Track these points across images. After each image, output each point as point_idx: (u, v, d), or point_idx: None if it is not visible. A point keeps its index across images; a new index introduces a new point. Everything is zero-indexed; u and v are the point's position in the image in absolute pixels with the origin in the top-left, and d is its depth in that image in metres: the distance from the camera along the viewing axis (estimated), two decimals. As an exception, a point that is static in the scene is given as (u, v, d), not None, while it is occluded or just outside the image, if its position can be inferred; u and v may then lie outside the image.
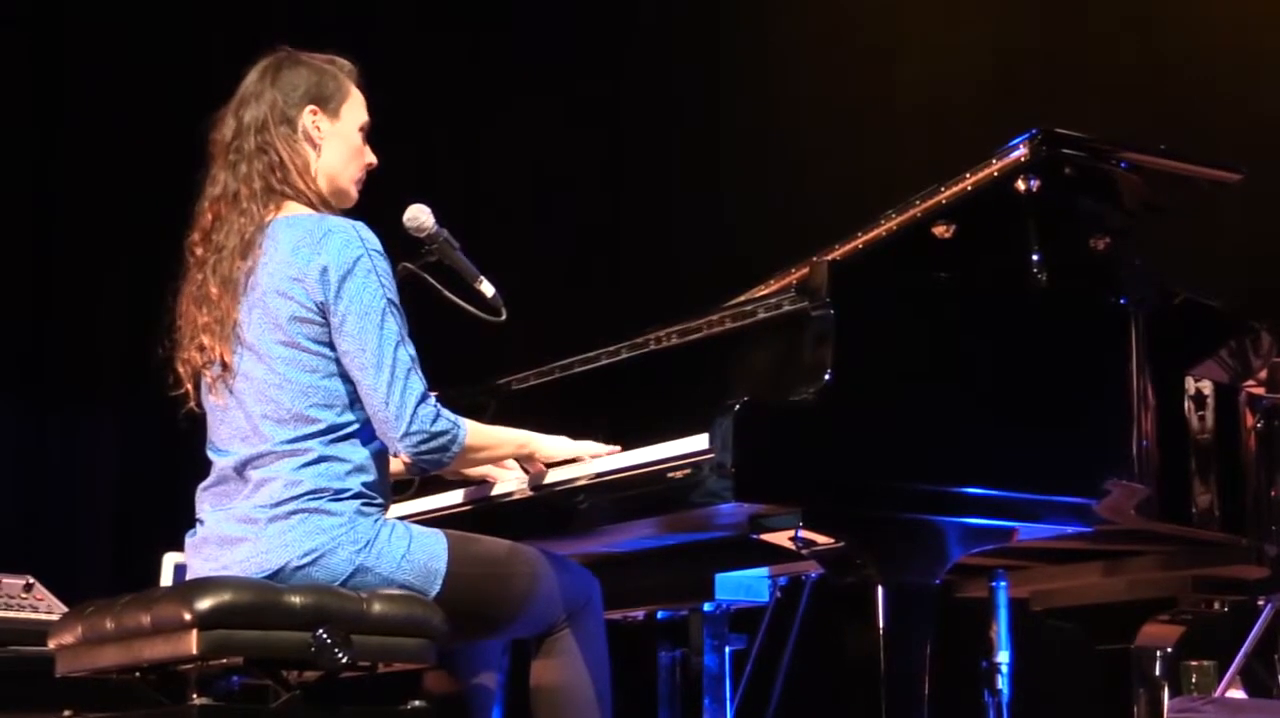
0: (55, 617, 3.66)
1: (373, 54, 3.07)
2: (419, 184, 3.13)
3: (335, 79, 2.97)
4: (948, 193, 3.35)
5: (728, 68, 5.97)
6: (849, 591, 2.91)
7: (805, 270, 3.05)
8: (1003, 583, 3.55)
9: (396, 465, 3.04)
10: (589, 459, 3.01)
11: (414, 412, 2.81)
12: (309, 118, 2.94)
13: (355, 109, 2.99)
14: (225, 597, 2.68)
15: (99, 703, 3.19)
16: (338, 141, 2.96)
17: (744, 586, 3.38)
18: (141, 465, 5.42)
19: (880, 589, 2.85)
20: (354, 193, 3.00)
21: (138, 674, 2.89)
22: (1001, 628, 3.51)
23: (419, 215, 3.17)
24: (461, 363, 3.18)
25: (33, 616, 3.95)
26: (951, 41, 5.68)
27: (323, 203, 2.94)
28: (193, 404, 2.94)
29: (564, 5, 6.08)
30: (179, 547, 3.01)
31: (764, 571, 3.41)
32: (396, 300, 2.86)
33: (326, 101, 2.95)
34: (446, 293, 3.13)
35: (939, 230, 3.41)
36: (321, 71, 2.97)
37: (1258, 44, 5.28)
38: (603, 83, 5.97)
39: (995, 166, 3.31)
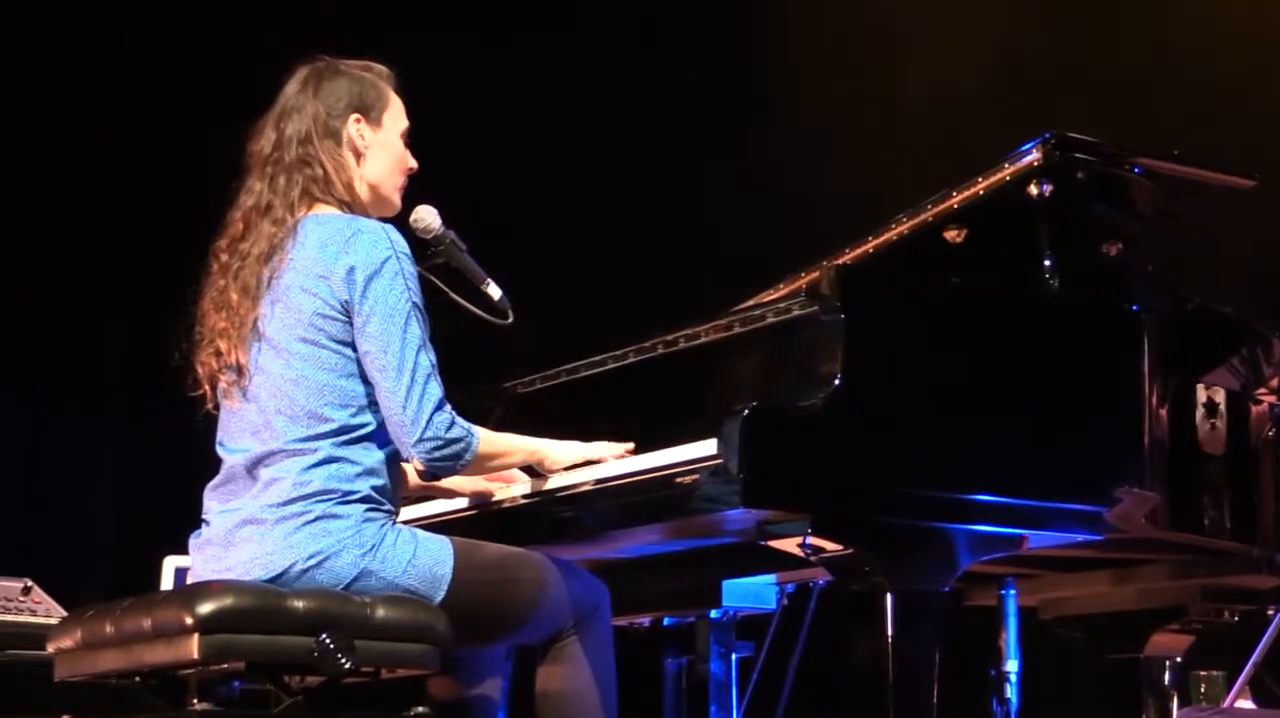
0: (54, 621, 3.63)
1: (372, 56, 3.05)
2: (424, 185, 3.10)
3: (375, 87, 2.96)
4: (959, 197, 3.33)
5: (737, 69, 5.95)
6: (857, 598, 2.89)
7: (815, 274, 3.03)
8: (1012, 591, 3.53)
9: (413, 479, 3.02)
10: (599, 462, 2.98)
11: (430, 417, 2.79)
12: (354, 127, 2.93)
13: (396, 116, 2.98)
14: (227, 601, 2.65)
15: (98, 708, 3.18)
16: (382, 151, 2.95)
17: (751, 592, 3.36)
18: (142, 468, 5.39)
19: (889, 597, 2.83)
20: (397, 200, 3.00)
21: (138, 679, 2.87)
22: (1010, 636, 3.49)
23: (425, 217, 3.15)
24: (467, 366, 3.16)
25: (31, 619, 3.92)
26: (955, 41, 5.66)
27: (363, 212, 2.92)
28: (210, 406, 2.93)
29: (567, 5, 6.06)
30: (180, 550, 2.98)
31: (771, 577, 3.39)
32: (421, 305, 2.85)
33: (369, 111, 2.94)
34: (453, 295, 3.11)
35: (950, 235, 3.39)
36: (361, 80, 2.96)
37: (1264, 42, 5.27)
38: (610, 82, 5.94)
39: (1007, 171, 3.29)
